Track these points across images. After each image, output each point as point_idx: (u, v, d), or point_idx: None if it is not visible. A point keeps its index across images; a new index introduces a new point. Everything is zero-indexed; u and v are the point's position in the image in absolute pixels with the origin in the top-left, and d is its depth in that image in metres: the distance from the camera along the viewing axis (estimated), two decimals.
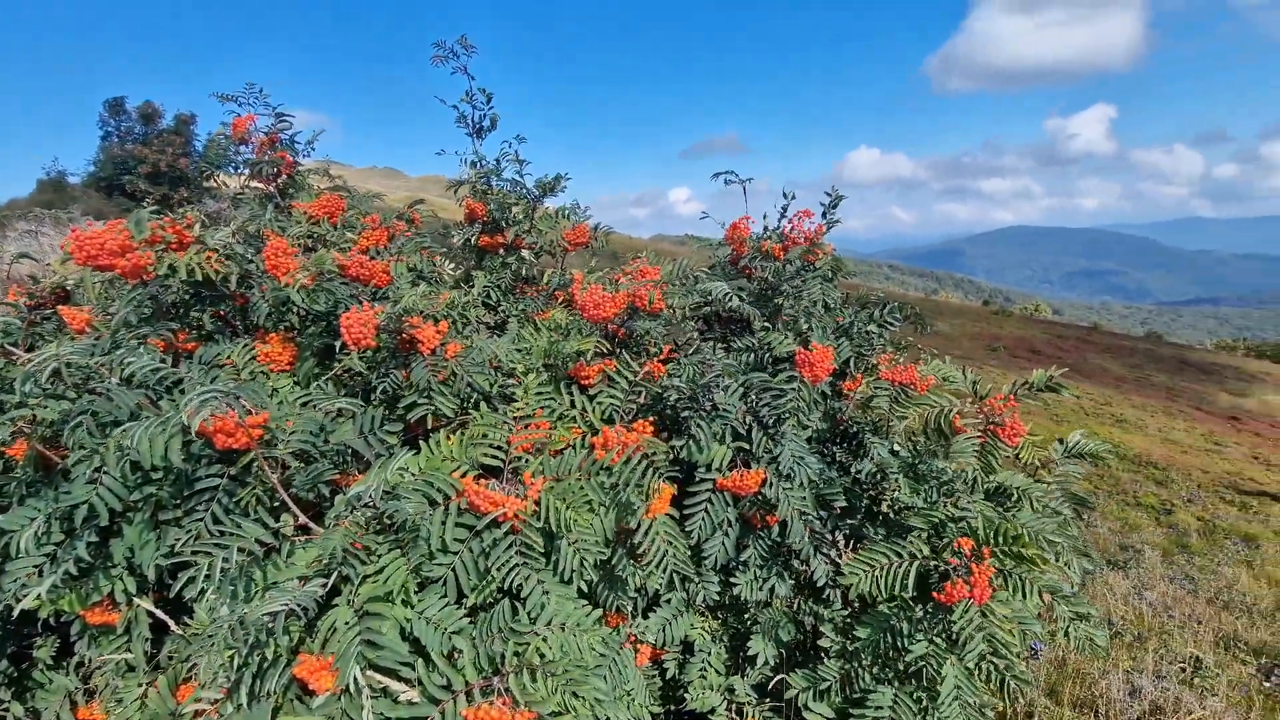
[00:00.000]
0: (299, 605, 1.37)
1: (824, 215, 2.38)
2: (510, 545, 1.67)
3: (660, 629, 2.50)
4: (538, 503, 1.69)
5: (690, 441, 2.03)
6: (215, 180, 4.13)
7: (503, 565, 1.65)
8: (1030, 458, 2.14)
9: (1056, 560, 1.93)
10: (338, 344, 2.21)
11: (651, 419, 1.99)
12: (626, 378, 2.10)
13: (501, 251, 3.63)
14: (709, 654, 2.46)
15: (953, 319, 39.12)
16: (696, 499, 2.10)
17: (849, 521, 2.33)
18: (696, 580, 2.40)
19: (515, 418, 2.18)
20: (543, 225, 3.15)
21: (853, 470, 2.37)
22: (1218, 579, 11.17)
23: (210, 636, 1.45)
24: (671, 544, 1.94)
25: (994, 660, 1.73)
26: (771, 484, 2.06)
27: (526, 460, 1.91)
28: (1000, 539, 1.74)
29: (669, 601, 2.51)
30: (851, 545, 2.36)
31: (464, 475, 1.74)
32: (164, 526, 1.92)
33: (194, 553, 1.66)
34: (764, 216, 2.73)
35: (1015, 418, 1.93)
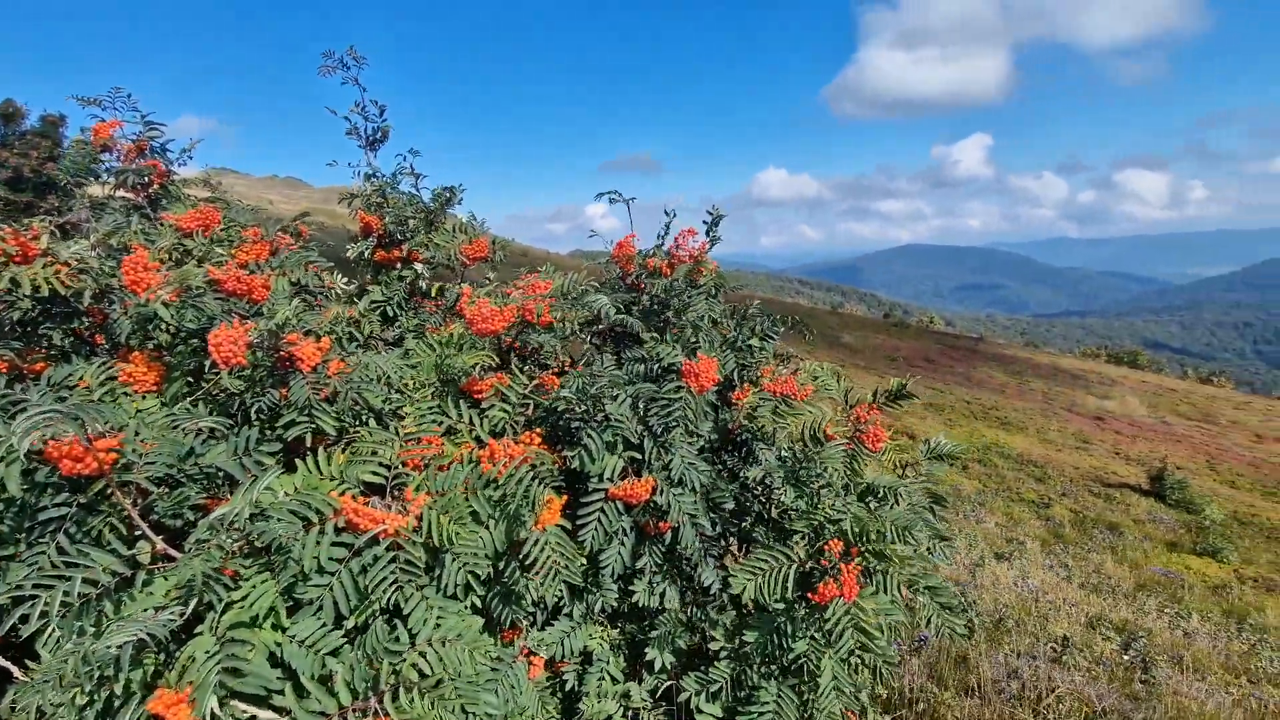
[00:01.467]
0: (150, 635, 1.29)
1: (707, 233, 2.50)
2: (391, 563, 1.64)
3: (560, 641, 2.50)
4: (420, 519, 1.68)
5: (582, 452, 2.07)
6: (85, 189, 3.84)
7: (383, 584, 1.62)
8: (892, 461, 2.32)
9: (915, 552, 2.10)
10: (208, 363, 2.10)
11: (540, 431, 2.02)
12: (516, 390, 2.12)
13: (399, 266, 3.56)
14: (607, 663, 2.49)
15: (857, 331, 41.35)
16: (589, 509, 2.14)
17: (740, 525, 2.44)
18: (596, 590, 2.43)
19: (405, 434, 2.14)
20: (440, 239, 3.12)
21: (742, 476, 2.48)
22: (1088, 565, 12.28)
23: (51, 676, 1.34)
24: (563, 555, 1.96)
25: (862, 655, 1.86)
26: (663, 491, 2.13)
27: (412, 477, 1.89)
28: (866, 539, 1.88)
29: (568, 613, 2.53)
30: (744, 549, 2.46)
31: (344, 494, 1.70)
32: (3, 563, 1.75)
33: (35, 586, 1.53)
34: (664, 232, 2.83)
35: (878, 426, 2.10)
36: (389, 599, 1.62)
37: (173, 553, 1.63)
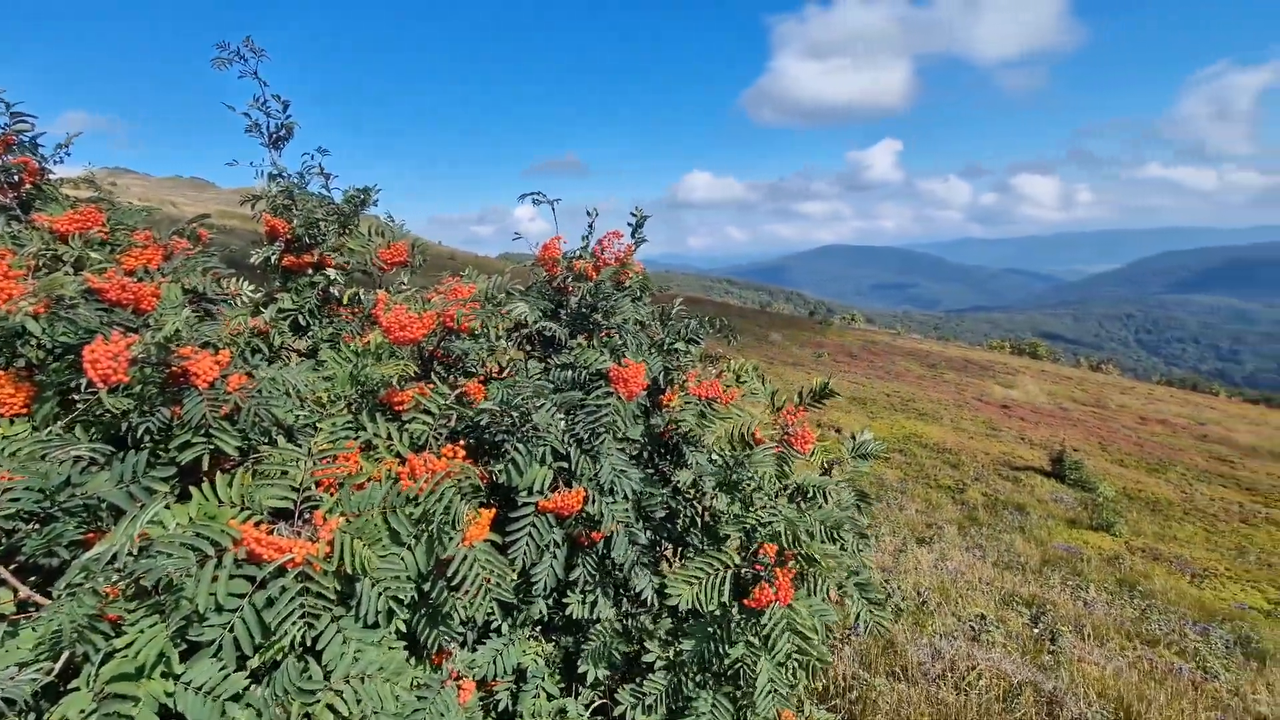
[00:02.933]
0: (5, 699, 1.13)
1: (632, 235, 2.46)
2: (301, 595, 1.51)
3: (492, 660, 2.41)
4: (332, 544, 1.55)
5: (509, 465, 1.99)
6: None
7: (291, 618, 1.49)
8: (821, 460, 2.36)
9: (843, 549, 2.13)
10: (84, 381, 1.89)
11: (463, 443, 1.92)
12: (438, 401, 2.02)
13: (310, 272, 3.35)
14: (542, 679, 2.41)
15: (784, 329, 42.55)
16: (519, 523, 2.06)
17: (673, 528, 2.42)
18: (524, 607, 2.35)
19: (318, 451, 2.00)
20: (354, 243, 2.95)
21: (674, 480, 2.46)
22: (1000, 544, 13.04)
23: None
24: (492, 571, 1.87)
25: (798, 658, 1.87)
26: (594, 500, 2.08)
27: (325, 499, 1.76)
28: (798, 541, 1.90)
29: (500, 630, 2.44)
30: (679, 554, 2.44)
31: (246, 521, 1.56)
32: None
33: None
34: (588, 233, 2.78)
35: (805, 427, 2.12)
36: (299, 634, 1.50)
37: (40, 600, 1.44)
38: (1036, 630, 7.50)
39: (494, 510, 1.91)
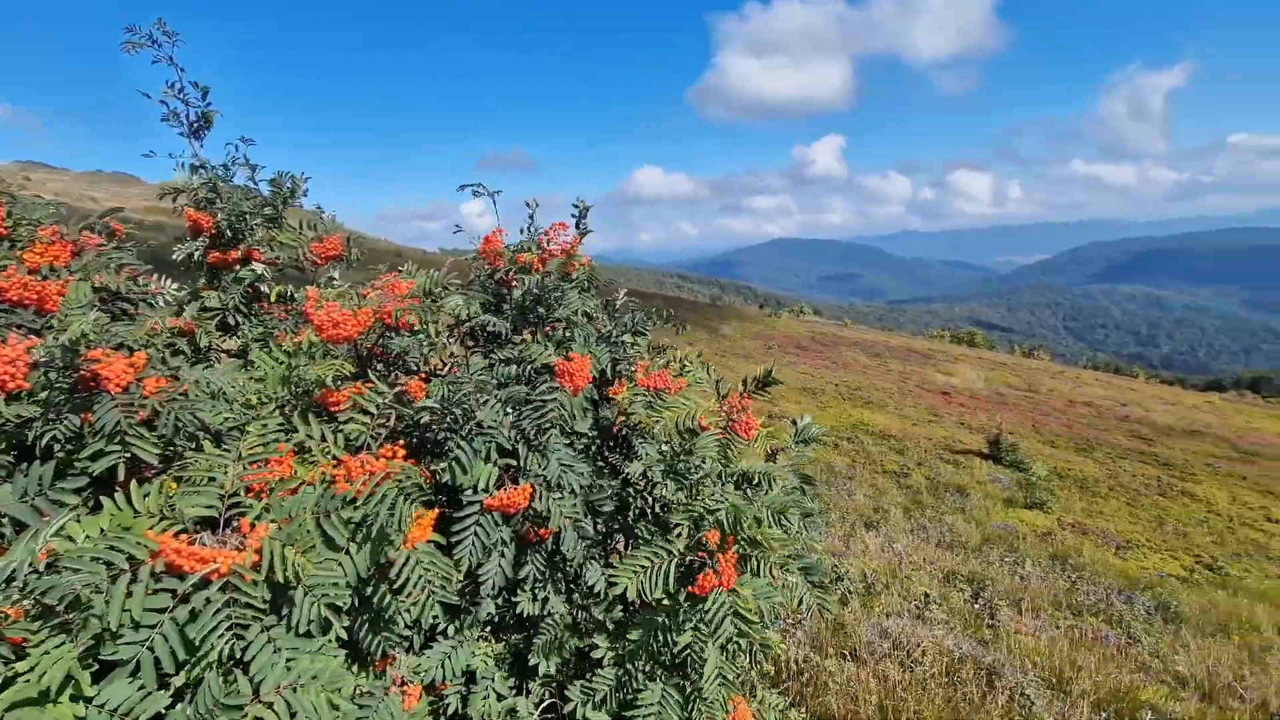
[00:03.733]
0: None
1: (577, 226, 2.43)
2: (227, 607, 1.44)
3: (440, 662, 2.36)
4: (260, 552, 1.48)
5: (453, 464, 1.94)
6: None
7: (218, 631, 1.41)
8: (765, 446, 2.39)
9: (788, 534, 2.17)
10: None
11: (403, 443, 1.86)
12: (375, 400, 1.95)
13: (237, 268, 3.19)
14: (493, 679, 2.37)
15: (736, 322, 43.11)
16: (465, 523, 2.01)
17: (624, 519, 2.41)
18: (473, 607, 2.30)
19: (248, 456, 1.90)
20: (285, 237, 2.82)
21: (624, 472, 2.45)
22: (942, 525, 13.55)
23: None
24: (435, 573, 1.82)
25: (739, 641, 1.89)
26: (541, 496, 2.05)
27: (254, 505, 1.67)
28: (742, 526, 1.92)
29: (447, 632, 2.38)
30: (629, 545, 2.44)
31: (166, 532, 1.46)
32: None
33: None
34: (529, 224, 2.73)
35: (749, 415, 2.14)
36: (226, 647, 1.42)
37: None
38: (977, 606, 7.83)
39: (437, 511, 1.85)
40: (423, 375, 2.30)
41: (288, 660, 1.47)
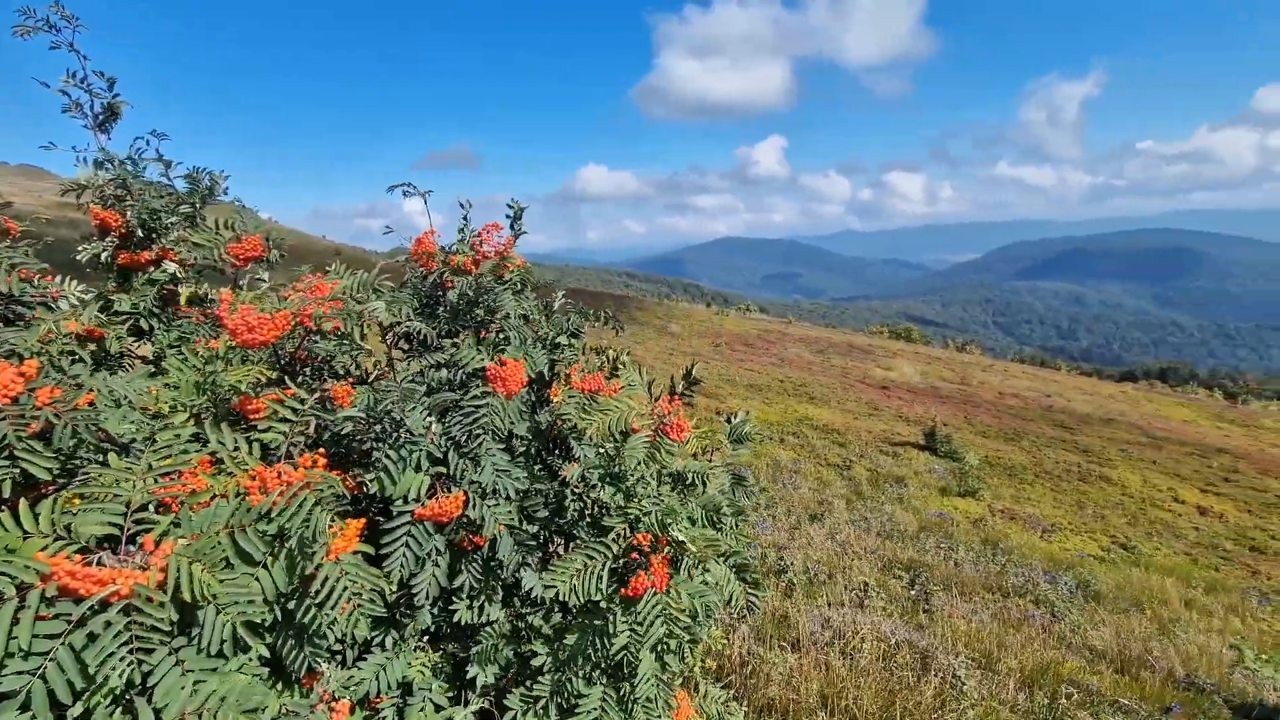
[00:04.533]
0: None
1: (511, 227, 2.40)
2: (127, 630, 1.35)
3: (375, 675, 2.29)
4: (165, 571, 1.40)
5: (380, 475, 1.88)
6: None
7: (117, 655, 1.32)
8: (699, 446, 2.42)
9: (719, 531, 2.20)
10: None
11: (324, 452, 1.80)
12: (295, 407, 1.87)
13: (151, 269, 3.01)
14: (430, 690, 2.31)
15: (684, 320, 43.50)
16: (395, 534, 1.95)
17: (562, 523, 2.39)
18: (410, 616, 2.25)
19: (157, 469, 1.80)
20: (199, 237, 2.68)
21: (562, 475, 2.43)
22: (882, 515, 14.01)
23: None
24: (362, 585, 1.77)
25: (668, 640, 1.90)
26: (475, 504, 2.01)
27: (160, 521, 1.58)
28: (667, 528, 1.93)
29: (381, 644, 2.32)
30: (569, 548, 2.42)
31: (58, 552, 1.37)
32: None
33: None
34: (463, 224, 2.67)
35: (680, 417, 2.15)
36: (127, 673, 1.33)
37: None
38: (913, 592, 8.14)
39: (363, 520, 1.79)
40: (351, 381, 2.22)
41: (196, 683, 1.40)
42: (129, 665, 1.33)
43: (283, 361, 2.18)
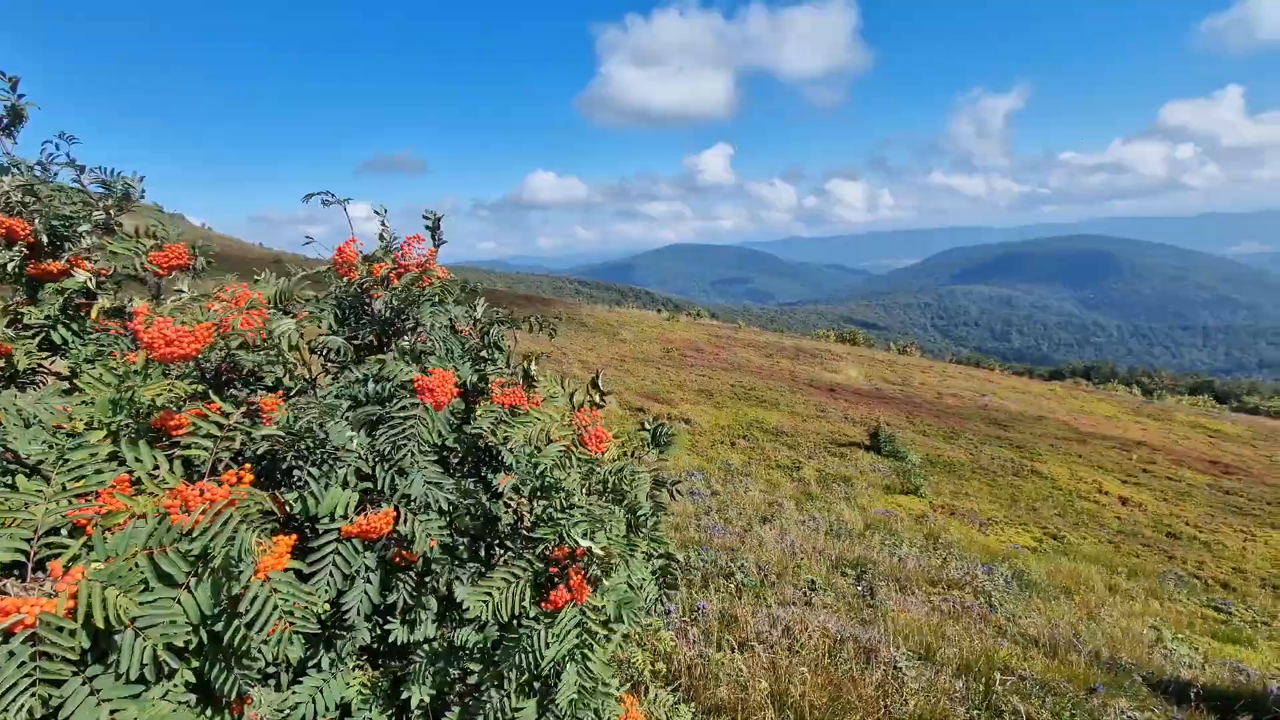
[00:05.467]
0: None
1: (432, 238, 2.38)
2: (32, 660, 1.28)
3: (311, 697, 2.22)
4: (75, 597, 1.33)
5: (304, 494, 1.83)
6: None
7: (19, 688, 1.25)
8: (619, 452, 2.44)
9: (638, 535, 2.23)
10: None
11: (250, 467, 1.74)
12: (218, 423, 1.81)
13: (62, 279, 2.85)
14: (369, 711, 2.26)
15: (635, 327, 43.61)
16: (321, 552, 1.90)
17: (496, 534, 2.37)
18: (345, 634, 2.19)
19: (71, 490, 1.71)
20: (117, 246, 2.55)
21: (495, 485, 2.42)
22: (831, 514, 14.35)
23: None
24: (293, 604, 1.72)
25: (583, 650, 1.91)
26: (406, 519, 1.98)
27: (71, 546, 1.50)
28: (581, 537, 1.94)
29: (318, 664, 2.25)
30: (503, 560, 2.40)
31: None
32: None
33: None
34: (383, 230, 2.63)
35: (599, 427, 2.17)
36: (28, 706, 1.26)
37: None
38: (859, 588, 8.38)
39: (294, 537, 1.74)
40: (281, 392, 2.16)
41: (113, 712, 1.33)
42: (32, 698, 1.26)
43: (208, 375, 2.10)
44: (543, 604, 1.88)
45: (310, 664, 2.25)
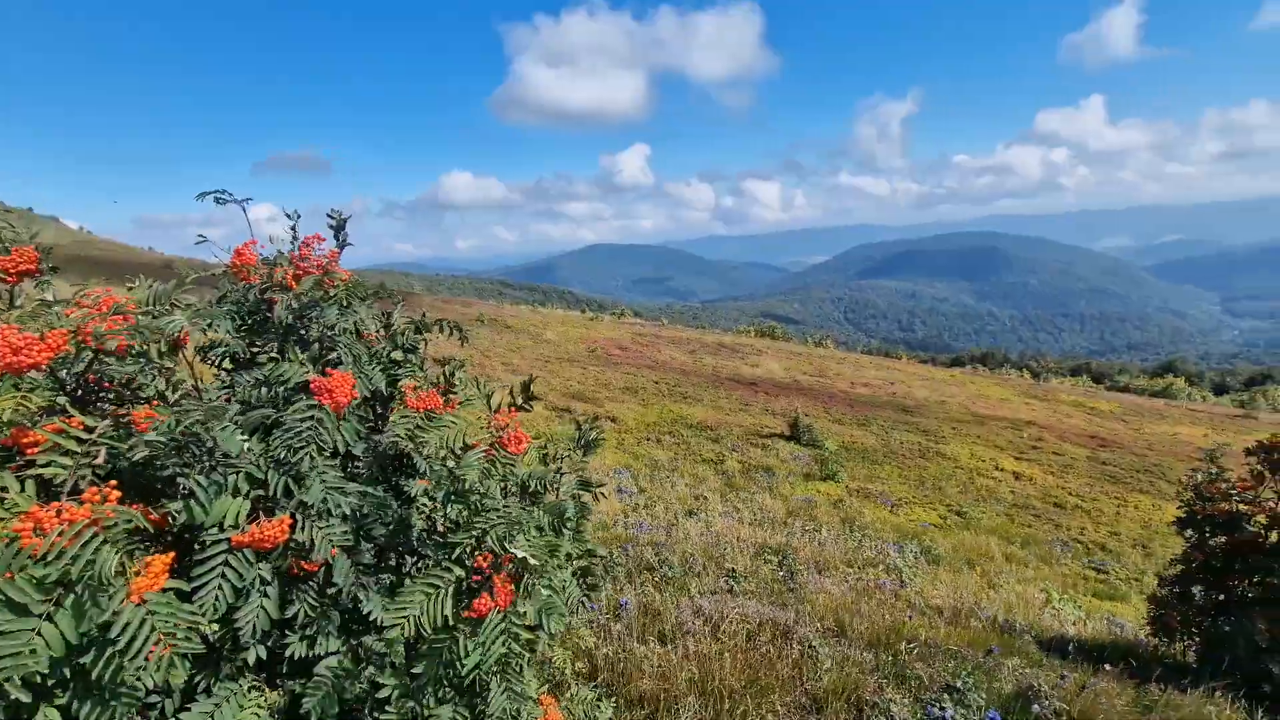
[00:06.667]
0: None
1: (336, 238, 2.29)
2: None
3: None
4: None
5: (190, 503, 1.72)
6: None
7: None
8: (539, 455, 2.44)
9: (560, 536, 2.24)
10: None
11: (115, 483, 1.62)
12: (78, 438, 1.67)
13: None
14: None
15: (559, 328, 43.28)
16: (209, 565, 1.79)
17: (408, 541, 2.31)
18: (237, 654, 2.07)
19: None
20: None
21: (408, 490, 2.35)
22: (754, 504, 14.77)
23: None
24: (174, 626, 1.61)
25: (510, 656, 1.90)
26: (304, 526, 1.89)
27: None
28: (504, 542, 1.93)
29: (208, 690, 2.11)
30: (417, 566, 2.34)
31: None
32: None
33: None
34: (292, 236, 2.51)
35: (518, 428, 2.16)
36: None
37: None
38: (781, 573, 8.68)
39: (172, 555, 1.63)
40: (154, 403, 2.01)
41: None
42: None
43: (68, 386, 1.93)
44: (466, 612, 1.84)
45: (200, 689, 2.11)
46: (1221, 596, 6.13)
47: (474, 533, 2.00)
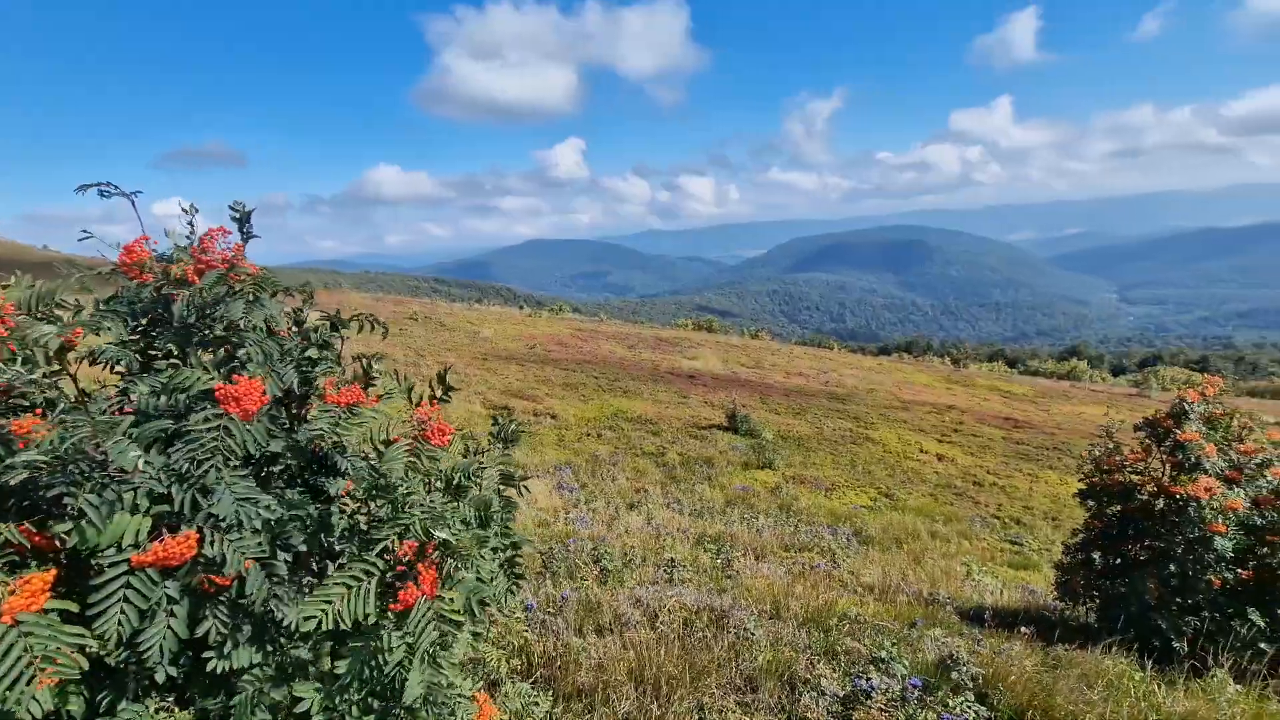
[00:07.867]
0: None
1: (240, 231, 2.18)
2: None
3: None
4: None
5: (82, 524, 1.61)
6: None
7: None
8: (463, 448, 2.42)
9: (485, 529, 2.23)
10: None
11: None
12: None
13: None
14: None
15: (496, 325, 42.54)
16: (110, 587, 1.68)
17: (327, 541, 2.24)
18: (145, 675, 1.96)
19: None
20: None
21: (328, 491, 2.28)
22: (694, 495, 14.98)
23: None
24: (55, 650, 1.50)
25: (441, 644, 1.88)
26: (213, 540, 1.80)
27: None
28: (430, 533, 1.91)
29: (110, 713, 1.99)
30: (338, 567, 2.27)
31: None
32: None
33: None
34: (189, 230, 2.37)
35: (440, 421, 2.13)
36: None
37: None
38: (719, 561, 8.86)
39: (53, 572, 1.52)
40: (39, 411, 1.87)
41: None
42: None
43: None
44: (391, 605, 1.80)
45: (101, 714, 1.99)
46: (1118, 560, 6.67)
47: (397, 529, 1.96)
